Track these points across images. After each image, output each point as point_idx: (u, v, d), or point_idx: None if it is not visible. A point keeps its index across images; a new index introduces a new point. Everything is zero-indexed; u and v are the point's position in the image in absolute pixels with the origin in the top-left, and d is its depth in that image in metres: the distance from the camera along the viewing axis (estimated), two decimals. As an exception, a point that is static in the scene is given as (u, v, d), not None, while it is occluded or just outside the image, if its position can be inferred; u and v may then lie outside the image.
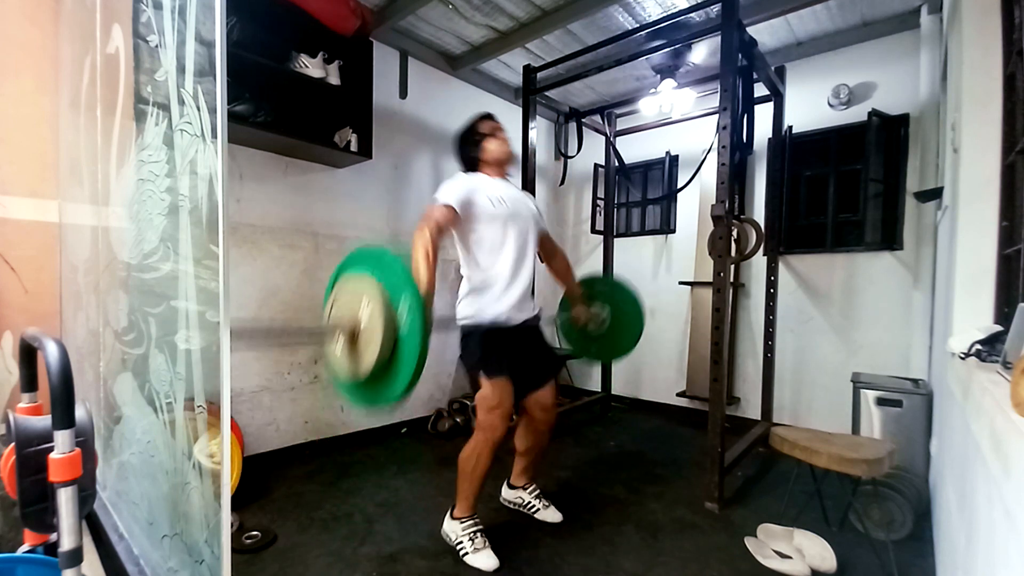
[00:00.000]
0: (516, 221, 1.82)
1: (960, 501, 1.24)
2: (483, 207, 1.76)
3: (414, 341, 1.14)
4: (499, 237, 1.79)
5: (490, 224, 1.78)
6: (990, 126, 1.52)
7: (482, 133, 1.88)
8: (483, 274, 1.79)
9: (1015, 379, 0.73)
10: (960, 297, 1.59)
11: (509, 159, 1.92)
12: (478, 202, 1.76)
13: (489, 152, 1.87)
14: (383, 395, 1.23)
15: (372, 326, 1.17)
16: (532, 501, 2.06)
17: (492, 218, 1.77)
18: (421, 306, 1.16)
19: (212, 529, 0.96)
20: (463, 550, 1.70)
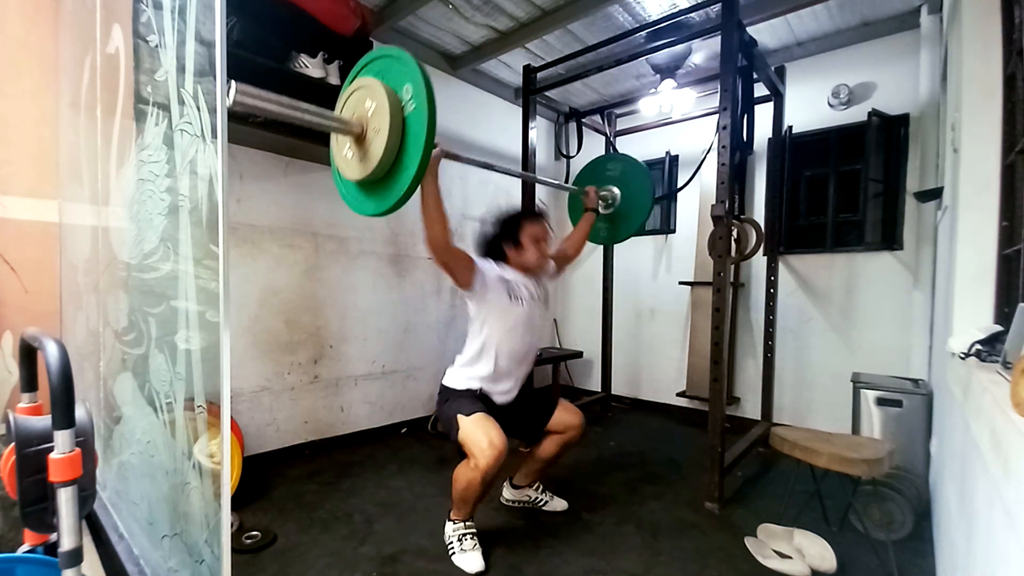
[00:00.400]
0: (530, 315, 1.85)
1: (960, 501, 1.24)
2: (499, 297, 1.78)
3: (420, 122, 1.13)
4: (512, 327, 1.81)
5: (504, 315, 1.80)
6: (990, 126, 1.52)
7: (528, 236, 1.84)
8: (484, 353, 1.81)
9: (1015, 379, 0.73)
10: (960, 297, 1.59)
11: (542, 268, 1.90)
12: (496, 292, 1.78)
13: (526, 258, 1.85)
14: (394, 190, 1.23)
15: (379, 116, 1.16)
16: (539, 496, 2.11)
17: (507, 310, 1.80)
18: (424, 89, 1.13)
19: (212, 529, 0.96)
20: (452, 550, 1.71)
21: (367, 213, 1.34)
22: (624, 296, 3.95)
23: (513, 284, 1.82)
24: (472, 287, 1.74)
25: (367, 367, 3.04)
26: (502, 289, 1.79)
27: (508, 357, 1.83)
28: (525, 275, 1.87)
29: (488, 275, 1.78)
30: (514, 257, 1.86)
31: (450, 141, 3.51)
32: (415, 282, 3.32)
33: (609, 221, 2.38)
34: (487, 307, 1.79)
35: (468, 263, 1.72)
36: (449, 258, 1.67)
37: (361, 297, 2.99)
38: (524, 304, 1.82)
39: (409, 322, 3.27)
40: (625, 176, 2.36)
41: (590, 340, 4.06)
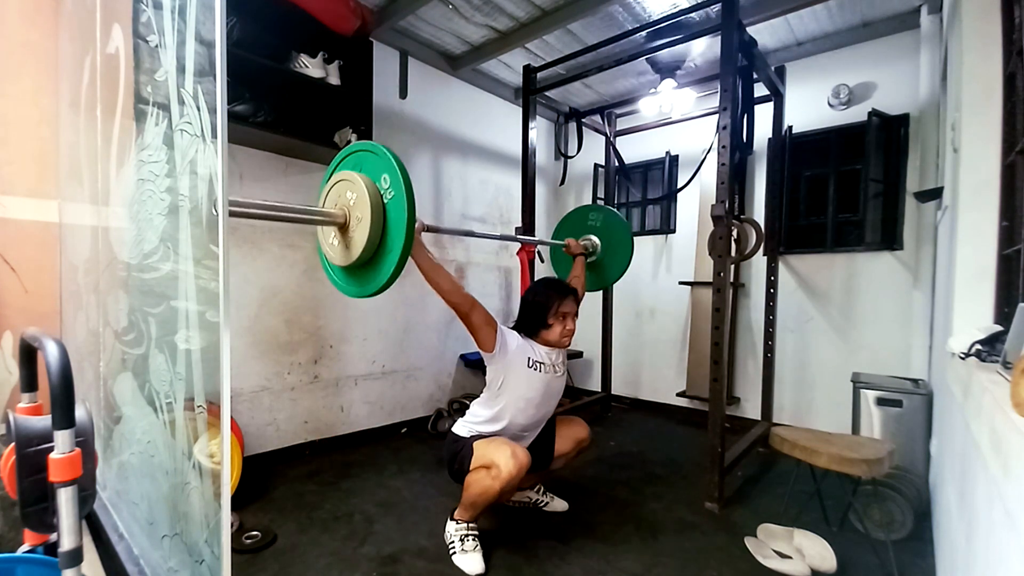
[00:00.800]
0: (548, 385, 1.85)
1: (960, 501, 1.24)
2: (520, 363, 1.79)
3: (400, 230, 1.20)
4: (530, 396, 1.81)
5: (522, 382, 1.80)
6: (990, 126, 1.52)
7: (555, 313, 1.83)
8: (497, 419, 1.81)
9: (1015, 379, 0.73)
10: (960, 297, 1.59)
11: (565, 345, 1.90)
12: (517, 358, 1.79)
13: (552, 333, 1.85)
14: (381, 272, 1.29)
15: (360, 208, 1.24)
16: (540, 498, 2.12)
17: (525, 378, 1.80)
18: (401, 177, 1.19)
19: (212, 529, 0.96)
20: (453, 550, 1.71)
21: (356, 296, 1.40)
22: (624, 296, 3.95)
23: (535, 353, 1.83)
24: (493, 350, 1.76)
25: (367, 367, 3.04)
26: (523, 356, 1.80)
27: (522, 426, 1.84)
28: (548, 348, 1.87)
29: (510, 341, 1.80)
30: (543, 335, 1.86)
31: (450, 141, 3.51)
32: (415, 282, 3.29)
33: (591, 270, 2.43)
34: (506, 372, 1.79)
35: (490, 323, 1.74)
36: (468, 309, 1.69)
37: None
38: (543, 373, 1.83)
39: (409, 322, 3.27)
40: (604, 226, 2.42)
41: (590, 340, 4.06)
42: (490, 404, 1.83)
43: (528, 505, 2.12)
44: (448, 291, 1.64)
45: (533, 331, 1.86)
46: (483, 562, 1.66)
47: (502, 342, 1.77)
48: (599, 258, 2.42)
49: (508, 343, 1.79)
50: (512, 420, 1.81)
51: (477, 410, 1.86)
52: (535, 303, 1.86)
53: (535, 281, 1.99)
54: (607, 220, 2.43)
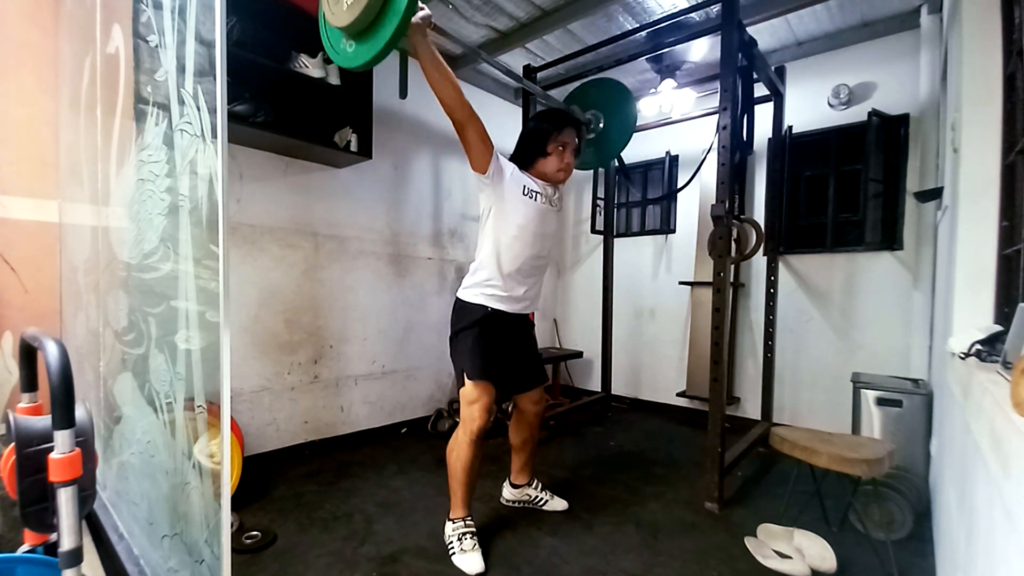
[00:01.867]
0: (543, 217, 1.81)
1: (960, 501, 1.24)
2: (514, 190, 1.75)
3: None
4: (523, 224, 1.76)
5: (516, 210, 1.75)
6: (990, 126, 1.52)
7: (555, 142, 1.79)
8: (494, 254, 1.77)
9: (1015, 379, 0.73)
10: (960, 297, 1.59)
11: (560, 180, 1.86)
12: (511, 185, 1.74)
13: (548, 164, 1.81)
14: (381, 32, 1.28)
15: None
16: (539, 495, 2.11)
17: (519, 204, 1.75)
18: None
19: (212, 529, 0.96)
20: (452, 550, 1.71)
21: (351, 64, 1.37)
22: (624, 296, 3.95)
23: (529, 182, 1.78)
24: (487, 171, 1.69)
25: (367, 367, 3.04)
26: (517, 184, 1.75)
27: (519, 258, 1.77)
28: (544, 182, 1.83)
29: (505, 165, 1.74)
30: (537, 166, 1.81)
31: (450, 141, 3.51)
32: (415, 282, 3.32)
33: (594, 145, 2.39)
34: (499, 197, 1.73)
35: (486, 142, 1.67)
36: (466, 119, 1.61)
37: (361, 297, 2.99)
38: (537, 200, 1.77)
39: (409, 322, 3.27)
40: (606, 99, 2.36)
41: (590, 340, 4.06)
42: (484, 241, 1.78)
43: (527, 504, 2.12)
44: (450, 94, 1.56)
45: (530, 161, 1.82)
46: (482, 561, 1.66)
47: (497, 167, 1.71)
48: (601, 131, 2.35)
49: (503, 168, 1.74)
50: (509, 255, 1.75)
51: (476, 253, 1.83)
52: (535, 130, 1.82)
53: (535, 112, 1.94)
54: (605, 91, 2.37)
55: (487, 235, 1.78)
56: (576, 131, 1.85)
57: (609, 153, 2.43)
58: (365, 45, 1.36)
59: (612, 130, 2.35)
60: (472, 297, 1.80)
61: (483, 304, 1.78)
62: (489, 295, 1.78)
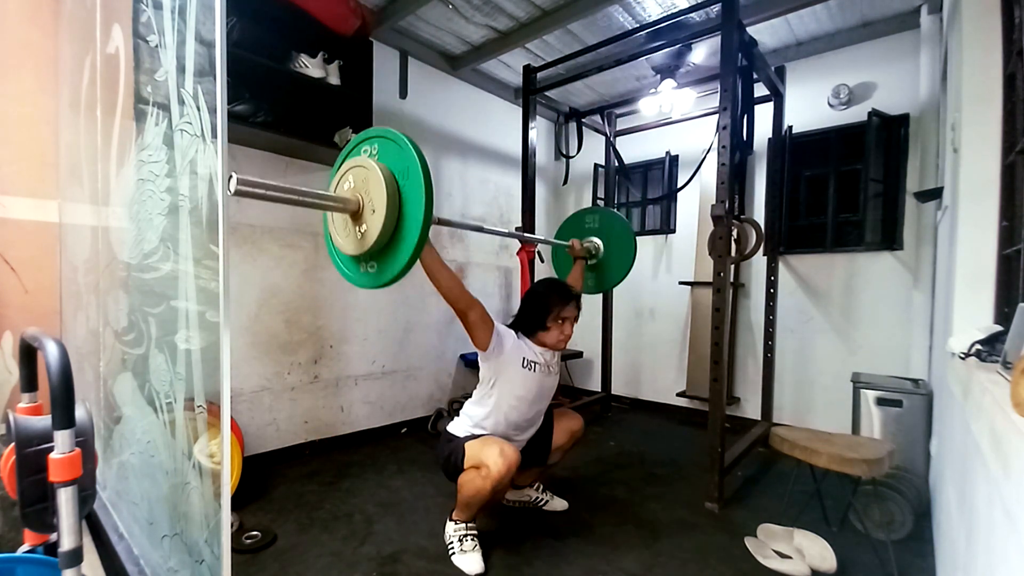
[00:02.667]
0: (542, 385, 1.85)
1: (960, 501, 1.24)
2: (514, 364, 1.79)
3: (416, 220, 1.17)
4: (522, 396, 1.80)
5: (515, 382, 1.80)
6: (990, 126, 1.52)
7: (555, 318, 1.83)
8: (490, 417, 1.80)
9: (1015, 379, 0.73)
10: (960, 297, 1.59)
11: (560, 349, 1.90)
12: (511, 357, 1.79)
13: (548, 336, 1.85)
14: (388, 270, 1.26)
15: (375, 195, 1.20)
16: (540, 496, 2.12)
17: (518, 377, 1.80)
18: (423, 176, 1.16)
19: (212, 529, 0.96)
20: (452, 551, 1.71)
21: (365, 286, 1.36)
22: (624, 296, 3.95)
23: (529, 353, 1.83)
24: (488, 348, 1.75)
25: (367, 367, 3.04)
26: (517, 356, 1.81)
27: (515, 424, 1.83)
28: (543, 349, 1.87)
29: (505, 340, 1.80)
30: (540, 337, 1.86)
31: (450, 141, 3.51)
32: (415, 282, 3.31)
33: (593, 271, 2.42)
34: (499, 370, 1.79)
35: (487, 322, 1.74)
36: (466, 307, 1.68)
37: (361, 297, 2.99)
38: (537, 372, 1.83)
39: (409, 322, 3.27)
40: (606, 228, 2.40)
41: (590, 340, 4.06)
42: (482, 402, 1.83)
43: (528, 504, 2.12)
44: (449, 288, 1.63)
45: (530, 331, 1.86)
46: (482, 562, 1.66)
47: (497, 342, 1.77)
48: (600, 260, 2.40)
49: (504, 343, 1.79)
50: (505, 418, 1.80)
51: (470, 409, 1.86)
52: (536, 304, 1.86)
53: (539, 281, 1.98)
54: (606, 221, 2.42)
55: (486, 396, 1.82)
56: (577, 304, 1.90)
57: (608, 282, 2.45)
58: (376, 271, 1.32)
59: (611, 261, 2.38)
60: (464, 432, 1.81)
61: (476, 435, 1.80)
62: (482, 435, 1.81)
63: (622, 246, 2.36)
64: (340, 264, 1.42)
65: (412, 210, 1.18)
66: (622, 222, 2.40)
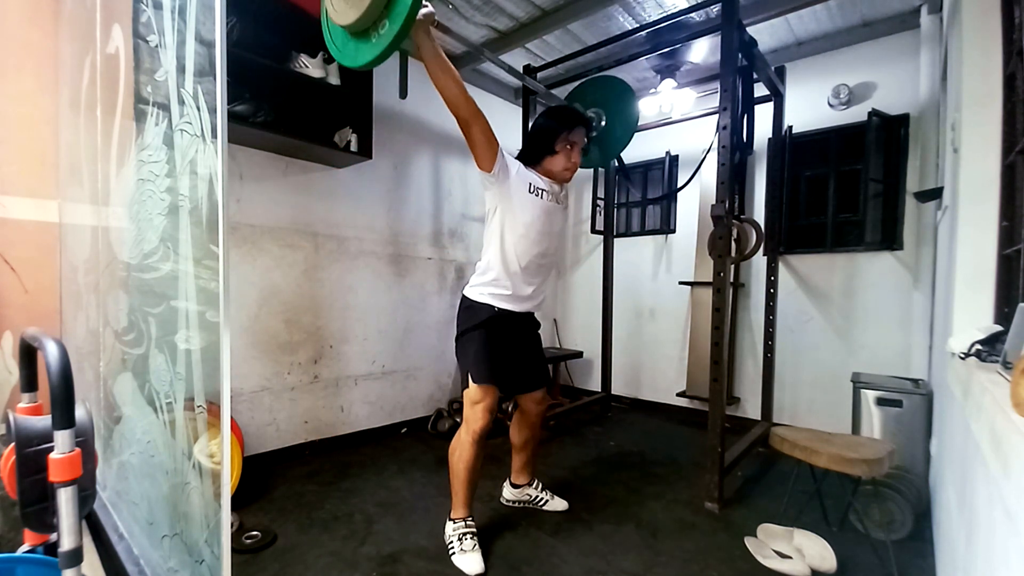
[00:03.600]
0: (550, 215, 1.80)
1: (960, 501, 1.24)
2: (520, 188, 1.74)
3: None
4: (530, 222, 1.75)
5: (523, 207, 1.74)
6: (990, 126, 1.52)
7: (563, 141, 1.78)
8: (500, 254, 1.76)
9: (1015, 379, 0.73)
10: (960, 297, 1.59)
11: (566, 179, 1.86)
12: (517, 182, 1.74)
13: (556, 162, 1.80)
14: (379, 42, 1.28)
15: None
16: (539, 495, 2.12)
17: (526, 202, 1.75)
18: None
19: (212, 529, 0.96)
20: (452, 550, 1.71)
21: (355, 64, 1.36)
22: (624, 296, 3.95)
23: (535, 179, 1.78)
24: (492, 170, 1.68)
25: (367, 367, 3.04)
26: (523, 181, 1.75)
27: (525, 256, 1.76)
28: (549, 178, 1.83)
29: (511, 163, 1.74)
30: (544, 164, 1.81)
31: (450, 141, 3.51)
32: (415, 282, 3.32)
33: (596, 143, 2.39)
34: (505, 195, 1.73)
35: (492, 140, 1.66)
36: (471, 115, 1.59)
37: (361, 297, 2.99)
38: (543, 198, 1.77)
39: (409, 322, 3.27)
40: (608, 97, 2.36)
41: (590, 340, 4.06)
42: (490, 240, 1.78)
43: (528, 504, 2.12)
44: (454, 92, 1.54)
45: (537, 158, 1.81)
46: (482, 562, 1.66)
47: (502, 165, 1.70)
48: (602, 131, 2.35)
49: (509, 166, 1.73)
50: (514, 251, 1.74)
51: (482, 253, 1.82)
52: (545, 127, 1.81)
53: (545, 109, 1.91)
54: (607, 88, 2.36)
55: (493, 233, 1.78)
56: (585, 130, 1.85)
57: (612, 151, 2.43)
58: (369, 43, 1.35)
59: (614, 128, 2.35)
60: (479, 296, 1.80)
61: (490, 304, 1.78)
62: (496, 294, 1.78)
63: (622, 108, 2.32)
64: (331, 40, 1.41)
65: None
66: (618, 83, 2.35)
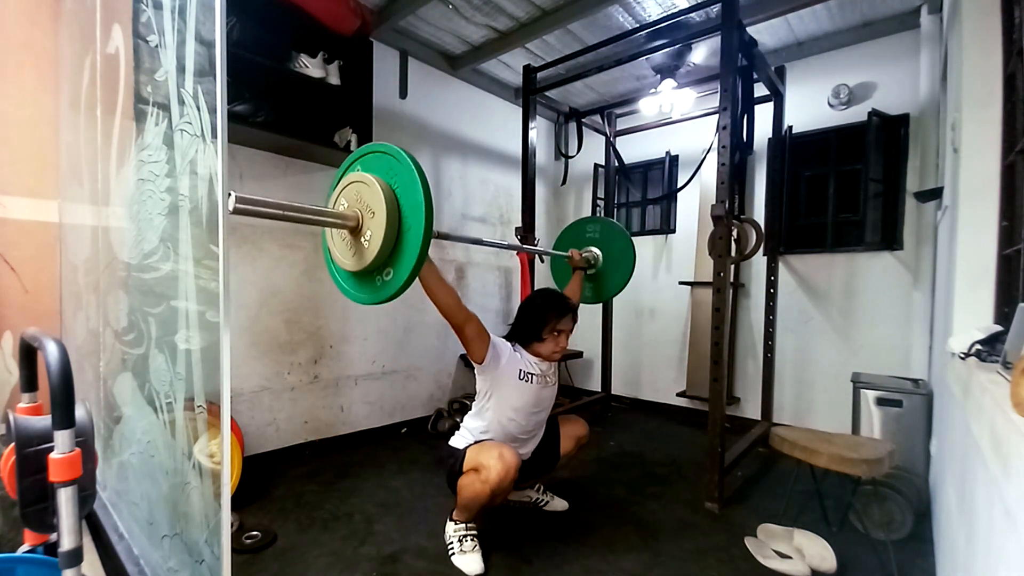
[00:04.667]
0: (539, 395, 1.85)
1: (960, 501, 1.24)
2: (510, 376, 1.80)
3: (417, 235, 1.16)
4: (520, 408, 1.81)
5: (512, 395, 1.80)
6: (990, 126, 1.52)
7: (550, 330, 1.83)
8: (489, 430, 1.81)
9: (1015, 379, 0.73)
10: (960, 297, 1.59)
11: (554, 359, 1.91)
12: (508, 370, 1.79)
13: (543, 347, 1.85)
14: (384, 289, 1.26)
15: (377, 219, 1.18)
16: (540, 496, 2.11)
17: (515, 390, 1.80)
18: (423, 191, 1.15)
19: (212, 529, 0.96)
20: (452, 551, 1.71)
21: (364, 303, 1.34)
22: (624, 296, 3.91)
23: (525, 365, 1.83)
24: (484, 361, 1.76)
25: (367, 367, 3.04)
26: (513, 368, 1.81)
27: (513, 435, 1.83)
28: (539, 360, 1.87)
29: (501, 353, 1.80)
30: (535, 348, 1.86)
31: (450, 141, 3.51)
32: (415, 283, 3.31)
33: (592, 281, 2.42)
34: (496, 382, 1.80)
35: (483, 335, 1.74)
36: (463, 322, 1.68)
37: (361, 297, 2.99)
38: (534, 384, 1.83)
39: (409, 322, 3.27)
40: (605, 238, 2.40)
41: (590, 340, 4.06)
42: (481, 415, 1.84)
43: (528, 505, 2.11)
44: (447, 304, 1.64)
45: (525, 341, 1.87)
46: (482, 562, 1.66)
47: (494, 355, 1.78)
48: (599, 270, 2.39)
49: (499, 355, 1.80)
50: (503, 429, 1.81)
51: (469, 423, 1.87)
52: (532, 316, 1.86)
53: (536, 291, 1.98)
54: (606, 231, 2.40)
55: (484, 409, 1.82)
56: (573, 317, 1.90)
57: (605, 293, 2.45)
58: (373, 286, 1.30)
59: (611, 273, 2.38)
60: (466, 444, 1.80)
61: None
62: None
63: (621, 257, 2.35)
64: (339, 280, 1.41)
65: (412, 225, 1.17)
66: (622, 233, 2.38)
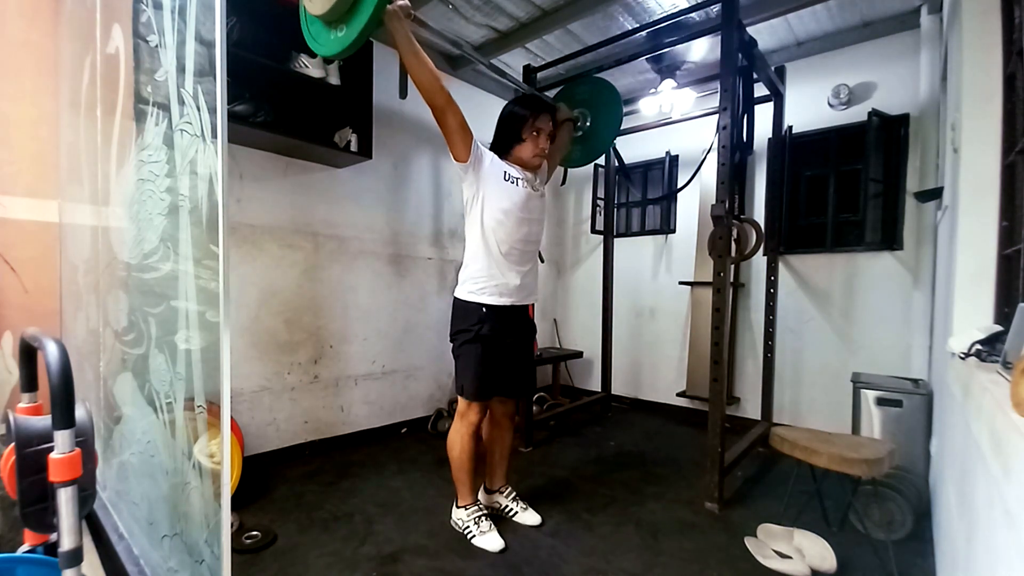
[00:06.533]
0: (527, 202, 1.82)
1: (960, 501, 1.24)
2: (495, 176, 1.77)
3: None
4: (508, 209, 1.78)
5: (499, 195, 1.77)
6: (990, 126, 1.52)
7: (530, 128, 1.81)
8: (483, 242, 1.79)
9: (1015, 379, 0.73)
10: (960, 297, 1.59)
11: (537, 165, 1.89)
12: (492, 171, 1.77)
13: (524, 149, 1.83)
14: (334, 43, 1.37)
15: None
16: (509, 504, 2.00)
17: (501, 190, 1.78)
18: None
19: (212, 529, 0.96)
20: (470, 534, 1.75)
21: (328, 53, 1.44)
22: (624, 296, 3.95)
23: (508, 168, 1.81)
24: (468, 158, 1.72)
25: (367, 367, 3.04)
26: (498, 170, 1.78)
27: (506, 242, 1.79)
28: (522, 168, 1.85)
29: (484, 153, 1.78)
30: (514, 152, 1.84)
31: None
32: (415, 282, 3.32)
33: (581, 143, 2.42)
34: (481, 184, 1.77)
35: (467, 129, 1.69)
36: (445, 104, 1.62)
37: (361, 297, 2.99)
38: (518, 186, 1.80)
39: (409, 322, 3.27)
40: (594, 97, 2.39)
41: (590, 340, 4.06)
42: (470, 236, 1.81)
43: (498, 511, 1.99)
44: (428, 79, 1.57)
45: (506, 147, 1.85)
46: (501, 538, 1.73)
47: (477, 154, 1.74)
48: (587, 131, 2.38)
49: (483, 156, 1.77)
50: (495, 238, 1.77)
51: (465, 259, 1.86)
52: (510, 116, 1.84)
53: (511, 99, 1.95)
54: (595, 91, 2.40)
55: (473, 224, 1.81)
56: (551, 116, 1.87)
57: (595, 151, 2.44)
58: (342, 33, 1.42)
59: (599, 128, 2.37)
60: (469, 295, 1.81)
61: (480, 302, 1.79)
62: (484, 288, 1.79)
63: (608, 114, 2.34)
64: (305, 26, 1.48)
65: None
66: (609, 87, 2.37)
